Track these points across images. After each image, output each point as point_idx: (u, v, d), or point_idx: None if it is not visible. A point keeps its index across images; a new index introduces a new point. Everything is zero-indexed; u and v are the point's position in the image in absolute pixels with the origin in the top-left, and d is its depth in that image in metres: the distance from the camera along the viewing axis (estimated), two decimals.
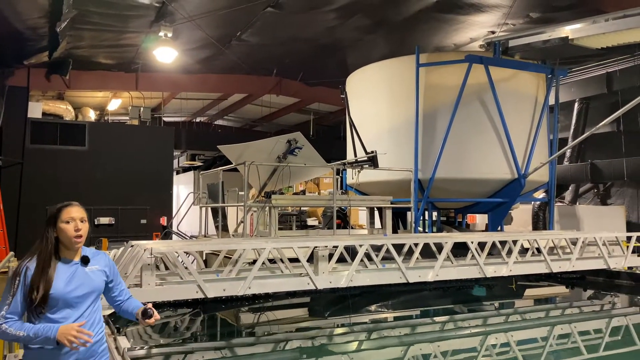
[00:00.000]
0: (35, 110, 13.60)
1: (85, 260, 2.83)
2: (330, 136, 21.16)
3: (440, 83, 10.04)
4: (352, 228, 10.82)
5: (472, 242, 7.03)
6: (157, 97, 17.49)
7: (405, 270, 6.41)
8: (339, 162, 10.16)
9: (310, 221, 11.92)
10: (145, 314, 2.88)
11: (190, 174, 21.12)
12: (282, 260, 6.43)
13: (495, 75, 9.77)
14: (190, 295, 5.58)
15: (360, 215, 14.86)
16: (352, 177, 10.15)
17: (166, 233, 12.16)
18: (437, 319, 7.59)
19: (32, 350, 2.68)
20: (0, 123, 11.38)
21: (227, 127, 23.04)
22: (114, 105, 17.59)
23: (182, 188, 20.32)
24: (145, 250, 5.17)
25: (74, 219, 2.77)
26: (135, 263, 5.20)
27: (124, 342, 4.04)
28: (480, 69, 9.68)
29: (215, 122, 22.59)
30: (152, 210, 14.36)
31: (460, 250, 7.31)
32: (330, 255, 6.36)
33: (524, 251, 7.87)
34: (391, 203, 9.41)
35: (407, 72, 10.05)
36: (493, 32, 11.23)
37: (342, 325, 7.07)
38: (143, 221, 14.17)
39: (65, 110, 15.29)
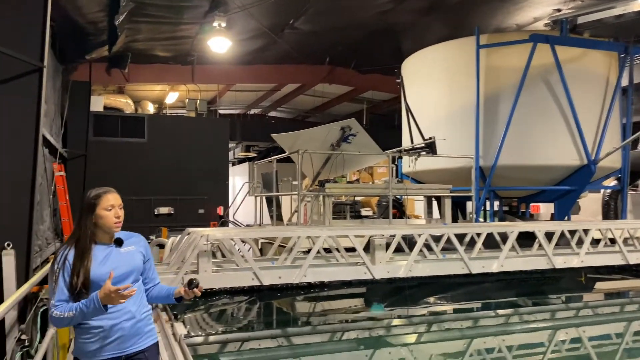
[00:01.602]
0: (97, 104, 14.09)
1: (118, 242, 2.84)
2: (384, 125, 20.80)
3: (502, 65, 9.54)
4: (408, 218, 10.53)
5: (539, 231, 6.62)
6: (213, 90, 17.74)
7: (468, 261, 6.11)
8: (394, 149, 9.86)
9: (364, 211, 11.70)
10: (191, 284, 2.88)
11: (245, 165, 21.42)
12: (337, 250, 6.27)
13: (562, 55, 9.18)
14: (246, 283, 5.54)
15: (416, 206, 14.50)
16: (408, 165, 9.85)
17: (223, 222, 12.31)
18: (500, 311, 7.24)
19: (81, 329, 2.71)
20: (65, 117, 11.80)
21: (280, 119, 23.14)
22: (171, 98, 18.00)
23: (238, 179, 20.63)
24: (201, 237, 5.15)
25: (114, 206, 2.80)
26: (192, 250, 5.20)
27: (180, 329, 4.01)
28: (546, 49, 9.13)
29: (268, 114, 22.74)
30: (209, 200, 14.62)
31: (523, 241, 6.93)
32: (387, 245, 6.16)
33: (593, 242, 7.36)
34: (450, 192, 9.05)
35: (466, 55, 9.62)
36: (559, 10, 10.56)
37: (400, 317, 6.86)
38: (201, 211, 14.45)
39: (125, 104, 15.77)
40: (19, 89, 5.22)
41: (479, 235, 6.57)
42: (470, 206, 11.24)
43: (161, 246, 9.48)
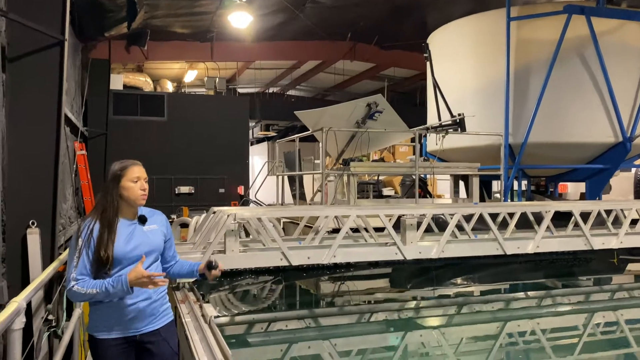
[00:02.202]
0: (117, 82, 14.00)
1: (142, 220, 2.79)
2: (405, 103, 20.44)
3: (534, 38, 9.15)
4: (432, 198, 10.30)
5: (576, 211, 6.35)
6: (232, 68, 17.53)
7: (502, 241, 5.88)
8: (422, 126, 9.58)
9: (386, 191, 11.49)
10: (211, 266, 2.95)
11: (264, 144, 21.29)
12: (366, 230, 6.09)
13: (598, 27, 8.75)
14: (275, 263, 5.41)
15: (439, 185, 14.24)
16: (435, 143, 9.58)
17: (244, 202, 12.23)
18: (532, 293, 7.03)
19: (97, 307, 2.67)
20: (85, 95, 11.72)
21: (300, 97, 22.88)
22: (190, 76, 17.86)
23: (257, 159, 20.54)
24: (228, 215, 5.01)
25: (140, 178, 2.74)
26: (219, 229, 5.06)
27: (210, 310, 3.88)
28: (581, 21, 8.71)
29: (287, 93, 22.49)
30: (230, 179, 14.58)
31: (554, 221, 6.68)
32: (418, 225, 5.96)
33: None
34: (478, 170, 8.79)
35: (495, 28, 9.23)
36: None
37: (428, 298, 6.69)
38: (221, 190, 14.44)
39: (144, 83, 15.67)
40: (40, 63, 5.08)
41: (511, 215, 6.34)
42: (496, 185, 10.95)
43: (183, 225, 9.42)
